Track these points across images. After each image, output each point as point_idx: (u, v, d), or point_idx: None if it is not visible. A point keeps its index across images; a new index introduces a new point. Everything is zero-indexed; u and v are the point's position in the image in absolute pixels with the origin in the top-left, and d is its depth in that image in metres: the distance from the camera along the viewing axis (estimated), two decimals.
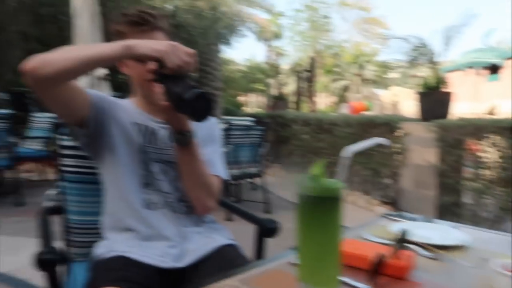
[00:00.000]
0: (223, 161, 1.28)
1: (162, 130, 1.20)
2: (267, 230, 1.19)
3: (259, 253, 1.25)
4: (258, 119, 6.04)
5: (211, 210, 1.21)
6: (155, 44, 0.96)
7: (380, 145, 4.68)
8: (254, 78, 17.87)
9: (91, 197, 1.25)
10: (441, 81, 4.34)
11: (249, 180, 4.97)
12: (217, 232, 1.23)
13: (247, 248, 1.24)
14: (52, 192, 1.30)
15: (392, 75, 23.93)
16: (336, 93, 27.04)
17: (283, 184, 6.01)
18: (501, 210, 3.43)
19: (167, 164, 1.19)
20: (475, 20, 4.56)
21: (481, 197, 3.58)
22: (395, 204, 4.57)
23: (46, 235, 1.09)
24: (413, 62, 5.18)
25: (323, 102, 26.64)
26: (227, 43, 9.01)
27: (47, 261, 0.92)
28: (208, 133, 1.25)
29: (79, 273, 1.20)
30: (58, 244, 1.17)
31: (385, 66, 23.85)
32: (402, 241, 0.88)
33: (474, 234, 1.03)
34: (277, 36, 28.13)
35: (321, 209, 0.63)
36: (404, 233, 0.89)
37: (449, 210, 3.86)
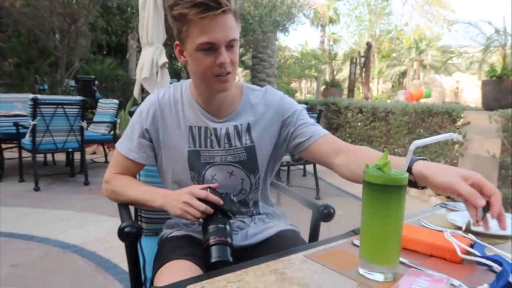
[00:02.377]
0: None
1: (224, 130, 1.13)
2: (323, 214, 1.25)
3: (314, 237, 1.31)
4: (311, 106, 6.05)
5: None
6: (173, 208, 1.01)
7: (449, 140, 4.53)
8: (307, 64, 17.68)
9: (158, 178, 1.37)
10: (509, 69, 4.11)
11: (300, 166, 5.02)
12: (278, 218, 1.27)
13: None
14: None
15: (455, 61, 22.65)
16: (391, 79, 26.09)
17: (333, 172, 6.00)
18: None
19: (233, 165, 1.14)
20: None
21: None
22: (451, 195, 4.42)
23: (125, 211, 1.22)
24: (481, 48, 4.94)
25: (378, 88, 25.82)
26: (283, 30, 9.00)
27: (129, 234, 1.04)
28: (283, 113, 1.18)
29: (147, 247, 1.34)
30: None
31: (448, 51, 22.61)
32: (468, 231, 0.91)
33: None
34: (333, 21, 27.56)
35: (386, 196, 0.69)
36: (469, 223, 0.92)
37: (510, 204, 3.69)
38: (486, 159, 3.91)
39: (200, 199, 0.99)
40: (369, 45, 11.35)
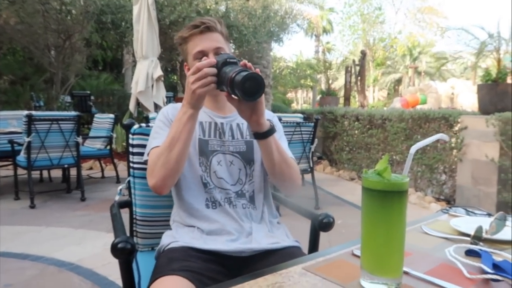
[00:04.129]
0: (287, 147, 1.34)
1: (228, 125, 1.30)
2: (322, 224, 1.22)
3: (314, 247, 1.28)
4: (308, 115, 6.04)
5: (298, 188, 1.26)
6: (190, 93, 1.08)
7: (438, 141, 4.52)
8: (303, 74, 17.76)
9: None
10: (504, 72, 4.11)
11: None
12: (278, 230, 1.27)
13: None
14: (121, 187, 1.41)
15: (450, 66, 22.81)
16: (387, 86, 26.21)
17: (332, 180, 5.97)
18: None
19: (233, 155, 1.27)
20: None
21: None
22: (451, 201, 4.40)
23: (120, 226, 1.19)
24: (475, 53, 4.97)
25: (374, 96, 25.92)
26: (278, 40, 9.05)
27: (123, 250, 1.01)
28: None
29: (143, 262, 1.30)
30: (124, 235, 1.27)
31: (442, 58, 22.78)
32: (477, 238, 0.88)
33: None
34: (326, 31, 27.78)
35: (387, 202, 0.66)
36: (479, 229, 0.89)
37: (510, 208, 3.67)
38: (485, 163, 3.89)
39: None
40: (363, 54, 11.41)
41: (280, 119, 4.30)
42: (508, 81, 4.17)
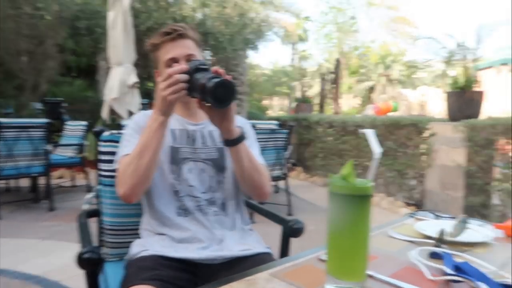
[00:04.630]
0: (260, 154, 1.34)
1: (200, 132, 1.30)
2: (293, 230, 1.22)
3: (285, 253, 1.29)
4: (282, 122, 6.09)
5: (268, 195, 1.26)
6: (161, 99, 1.08)
7: (408, 146, 4.63)
8: (278, 81, 17.92)
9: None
10: (471, 80, 4.26)
11: (272, 183, 5.01)
12: (251, 237, 1.27)
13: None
14: (90, 196, 1.38)
15: (420, 74, 23.46)
16: (361, 94, 26.73)
17: (306, 187, 6.02)
18: None
19: (205, 162, 1.26)
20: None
21: (511, 197, 3.50)
22: (420, 205, 4.51)
23: (86, 236, 1.16)
24: (443, 61, 5.12)
25: (348, 103, 26.37)
26: (254, 48, 9.10)
27: (89, 260, 0.99)
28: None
29: (111, 272, 1.28)
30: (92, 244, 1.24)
31: (413, 66, 23.42)
32: (440, 240, 0.91)
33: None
34: (302, 39, 28.11)
35: (352, 207, 0.67)
36: (442, 232, 0.92)
37: (476, 211, 3.79)
38: (452, 168, 4.01)
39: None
40: (338, 62, 11.62)
41: (254, 126, 4.33)
42: (475, 89, 4.32)
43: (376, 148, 0.77)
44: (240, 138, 1.14)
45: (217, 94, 0.99)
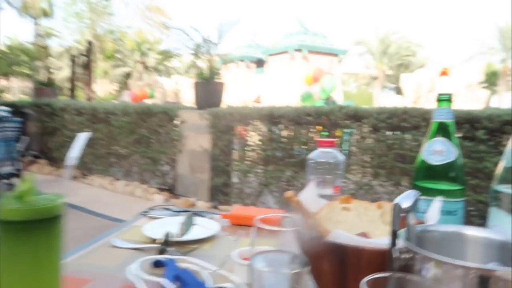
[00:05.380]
0: None
1: None
2: None
3: None
4: (16, 108, 5.13)
5: None
6: None
7: (160, 133, 4.66)
8: (16, 60, 15.25)
9: None
10: (214, 72, 4.60)
11: (5, 181, 4.15)
12: None
13: None
14: None
15: (175, 64, 24.53)
16: (117, 80, 25.91)
17: (52, 181, 5.32)
18: (261, 185, 3.92)
19: None
20: (247, 17, 5.06)
21: (246, 176, 4.00)
22: (173, 190, 4.65)
23: None
24: (192, 53, 5.34)
25: (103, 89, 25.11)
26: None
27: None
28: None
29: None
30: None
31: (167, 55, 24.20)
32: (166, 243, 0.81)
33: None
34: (47, 14, 24.72)
35: (29, 236, 0.48)
36: (167, 234, 0.82)
37: (220, 191, 4.17)
38: (200, 153, 4.27)
39: None
40: (90, 44, 10.73)
41: None
42: (218, 80, 4.70)
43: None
44: None
45: None
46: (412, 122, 3.10)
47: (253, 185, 4.01)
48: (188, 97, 15.26)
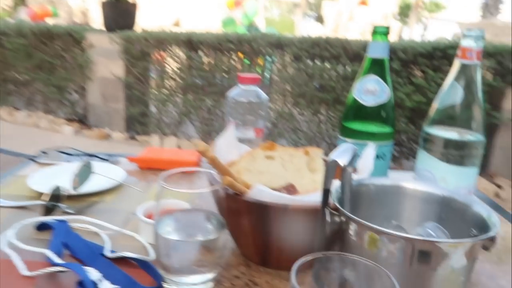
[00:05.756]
0: None
1: None
2: None
3: None
4: None
5: None
6: None
7: (65, 58, 4.16)
8: None
9: None
10: None
11: None
12: None
13: None
14: None
15: None
16: None
17: None
18: (180, 115, 3.77)
19: None
20: None
21: (165, 105, 3.80)
22: (84, 120, 4.31)
23: None
24: None
25: None
26: None
27: None
28: None
29: None
30: None
31: None
32: (55, 198, 0.66)
33: None
34: None
35: None
36: (57, 188, 0.67)
37: (137, 121, 3.95)
38: (112, 81, 3.91)
39: None
40: None
41: None
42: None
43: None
44: None
45: None
46: (333, 52, 3.09)
47: (173, 114, 3.83)
48: (99, 18, 13.81)
